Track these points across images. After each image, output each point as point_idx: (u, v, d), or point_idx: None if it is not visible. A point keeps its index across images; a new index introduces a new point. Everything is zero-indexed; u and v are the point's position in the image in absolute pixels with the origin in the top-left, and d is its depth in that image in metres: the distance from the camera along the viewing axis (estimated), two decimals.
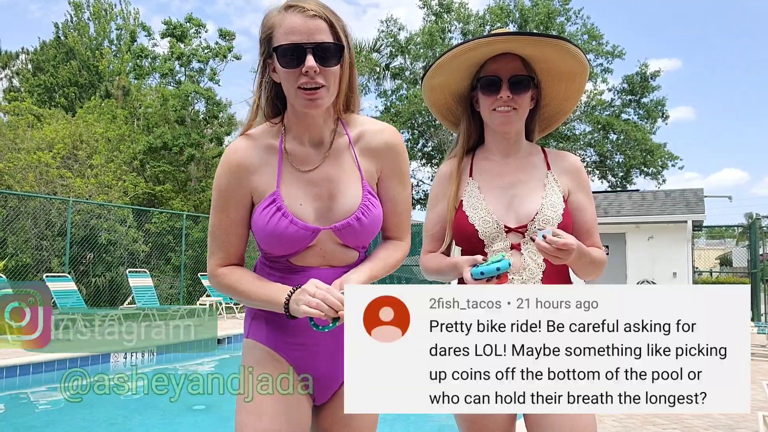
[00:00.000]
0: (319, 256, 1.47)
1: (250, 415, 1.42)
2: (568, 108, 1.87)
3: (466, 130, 1.84)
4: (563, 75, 1.76)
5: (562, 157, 1.82)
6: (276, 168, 1.46)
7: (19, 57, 27.20)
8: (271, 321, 1.50)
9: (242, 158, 1.46)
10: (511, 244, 1.68)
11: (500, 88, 1.69)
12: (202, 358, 8.94)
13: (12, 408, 5.74)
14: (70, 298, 9.97)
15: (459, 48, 1.69)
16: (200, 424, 5.24)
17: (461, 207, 1.74)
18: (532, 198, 1.70)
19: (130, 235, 13.60)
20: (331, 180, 1.47)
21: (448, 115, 1.92)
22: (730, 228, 24.92)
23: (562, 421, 1.55)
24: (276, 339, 1.49)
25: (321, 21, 1.36)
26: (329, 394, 1.53)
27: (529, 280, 1.65)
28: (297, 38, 1.34)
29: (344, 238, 1.47)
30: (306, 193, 1.45)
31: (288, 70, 1.36)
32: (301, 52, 1.34)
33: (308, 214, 1.44)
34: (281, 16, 1.38)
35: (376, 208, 1.49)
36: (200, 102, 19.75)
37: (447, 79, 1.79)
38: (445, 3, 25.91)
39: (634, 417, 4.84)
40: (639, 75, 25.17)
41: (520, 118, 1.73)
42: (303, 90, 1.36)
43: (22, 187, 13.79)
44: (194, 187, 19.23)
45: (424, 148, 26.26)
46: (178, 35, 19.21)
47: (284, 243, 1.44)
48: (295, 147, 1.48)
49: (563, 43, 1.67)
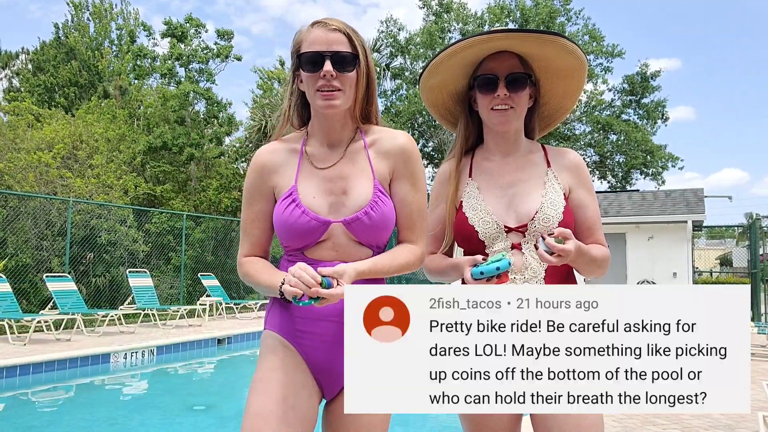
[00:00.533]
0: (332, 250, 1.56)
1: (259, 395, 1.49)
2: (568, 105, 1.86)
3: (465, 130, 1.83)
4: (561, 72, 1.74)
5: (563, 153, 1.80)
6: (296, 167, 1.62)
7: (19, 57, 27.21)
8: (282, 310, 1.60)
9: (266, 159, 1.65)
10: (511, 243, 1.67)
11: (497, 86, 1.68)
12: (202, 358, 8.94)
13: (12, 408, 5.74)
14: (70, 298, 9.97)
15: (455, 46, 1.68)
16: (200, 424, 5.24)
17: (461, 208, 1.73)
18: (532, 197, 1.69)
19: (130, 235, 13.60)
20: (345, 177, 1.59)
21: (447, 115, 1.92)
22: (730, 228, 24.91)
23: (568, 420, 1.55)
24: (287, 328, 1.58)
25: (340, 34, 1.56)
26: (336, 390, 1.57)
27: (531, 279, 1.64)
28: (318, 47, 1.54)
29: (355, 232, 1.55)
30: (320, 188, 1.58)
31: (309, 75, 1.56)
32: (320, 59, 1.53)
33: (321, 207, 1.56)
34: (308, 32, 1.59)
35: (386, 206, 1.57)
36: (200, 102, 19.76)
37: (445, 79, 1.79)
38: (444, 3, 25.91)
39: (634, 417, 4.84)
40: (639, 75, 25.18)
41: (518, 116, 1.72)
42: (321, 92, 1.54)
43: (22, 187, 13.79)
44: (194, 187, 19.23)
45: (424, 148, 26.27)
46: (179, 35, 19.22)
47: (297, 233, 1.55)
48: (315, 148, 1.64)
49: (559, 40, 1.65)
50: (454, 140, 1.87)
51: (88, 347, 7.98)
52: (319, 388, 1.58)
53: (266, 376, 1.51)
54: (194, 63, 19.54)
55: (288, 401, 1.48)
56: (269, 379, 1.51)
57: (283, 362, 1.53)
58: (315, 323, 1.55)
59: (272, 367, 1.53)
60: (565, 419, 1.55)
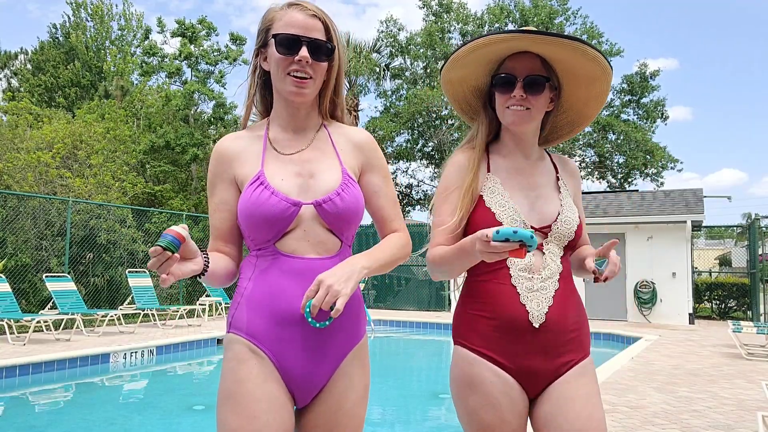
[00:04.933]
0: (303, 239, 1.47)
1: (237, 417, 1.38)
2: (590, 114, 1.82)
3: (488, 126, 1.80)
4: (582, 79, 1.72)
5: (565, 161, 1.86)
6: (260, 154, 1.55)
7: (18, 57, 27.19)
8: (253, 312, 1.46)
9: (227, 146, 1.58)
10: None
11: (514, 87, 1.67)
12: (202, 358, 8.94)
13: (12, 408, 5.74)
14: (69, 298, 9.96)
15: (473, 43, 1.66)
16: (200, 424, 5.24)
17: (482, 203, 1.70)
18: (552, 200, 1.72)
19: (129, 235, 13.60)
20: (312, 162, 1.55)
21: (467, 109, 1.89)
22: (730, 228, 24.91)
23: (585, 413, 1.56)
24: (261, 332, 1.44)
25: (318, 21, 1.52)
26: (310, 398, 1.48)
27: (547, 279, 1.64)
28: (295, 31, 1.49)
29: (326, 215, 1.48)
30: (287, 171, 1.52)
31: (282, 57, 1.49)
32: (297, 43, 1.48)
33: (290, 189, 1.48)
34: (283, 11, 1.53)
35: (356, 189, 1.53)
36: (205, 102, 19.78)
37: (466, 74, 1.77)
38: (444, 3, 25.90)
39: (634, 417, 4.85)
40: (639, 75, 25.18)
41: (533, 118, 1.70)
42: (293, 77, 1.49)
43: (21, 187, 13.78)
44: (195, 186, 19.23)
45: (424, 148, 26.23)
46: (189, 36, 19.26)
47: (267, 218, 1.44)
48: (279, 134, 1.59)
49: (579, 45, 1.61)
50: (471, 132, 1.83)
51: (88, 347, 7.98)
52: (291, 396, 1.47)
53: (236, 391, 1.40)
54: (202, 64, 19.57)
55: (260, 419, 1.37)
56: (241, 394, 1.40)
57: (253, 373, 1.41)
58: (295, 329, 1.43)
59: (241, 379, 1.41)
60: (580, 413, 1.56)
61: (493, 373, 1.60)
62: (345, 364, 1.49)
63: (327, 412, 1.47)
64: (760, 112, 79.89)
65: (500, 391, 1.59)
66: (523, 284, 1.63)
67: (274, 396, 1.41)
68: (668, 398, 5.64)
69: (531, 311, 1.61)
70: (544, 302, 1.62)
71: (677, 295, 14.03)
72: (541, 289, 1.63)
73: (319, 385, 1.47)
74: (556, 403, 1.59)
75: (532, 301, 1.62)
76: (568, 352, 1.63)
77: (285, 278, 1.45)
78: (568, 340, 1.63)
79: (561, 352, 1.63)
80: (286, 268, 1.45)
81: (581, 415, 1.56)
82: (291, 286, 1.44)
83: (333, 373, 1.48)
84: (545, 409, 1.60)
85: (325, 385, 1.48)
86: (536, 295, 1.62)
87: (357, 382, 1.51)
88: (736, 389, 6.16)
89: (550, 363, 1.62)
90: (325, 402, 1.47)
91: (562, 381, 1.61)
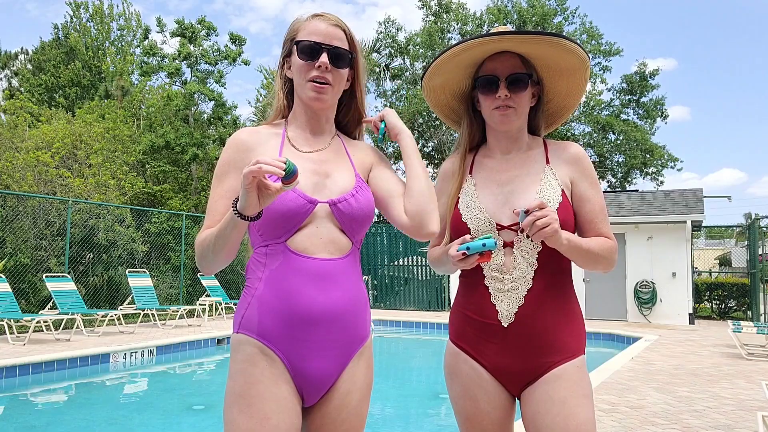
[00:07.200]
0: (315, 237, 1.47)
1: (248, 418, 1.40)
2: (572, 104, 1.85)
3: (470, 129, 1.83)
4: (563, 71, 1.74)
5: (563, 147, 1.77)
6: (278, 148, 1.57)
7: (18, 57, 27.20)
8: (264, 311, 1.45)
9: (246, 137, 1.59)
10: (504, 241, 1.66)
11: (498, 87, 1.68)
12: (202, 358, 8.94)
13: (12, 408, 5.73)
14: (69, 298, 9.96)
15: (453, 49, 1.68)
16: (200, 424, 5.24)
17: (457, 204, 1.74)
18: (527, 194, 1.68)
19: (129, 235, 13.59)
20: (328, 162, 1.58)
21: (451, 114, 1.91)
22: (729, 228, 24.95)
23: (557, 419, 1.55)
24: (269, 331, 1.45)
25: (340, 31, 1.58)
26: (318, 397, 1.50)
27: (519, 279, 1.63)
28: (317, 38, 1.55)
29: (340, 215, 1.49)
30: (304, 168, 1.52)
31: (304, 63, 1.55)
32: (318, 50, 1.54)
33: (305, 186, 1.49)
34: (307, 22, 1.60)
35: (368, 193, 1.56)
36: (205, 102, 19.77)
37: (447, 80, 1.79)
38: (444, 3, 25.90)
39: (634, 417, 4.85)
40: (638, 74, 25.19)
41: (519, 116, 1.72)
42: (313, 83, 1.54)
43: (21, 186, 13.76)
44: (195, 186, 19.23)
45: (424, 148, 26.23)
46: (189, 36, 19.25)
47: (281, 212, 1.43)
48: (297, 133, 1.63)
49: (558, 40, 1.64)
50: (458, 138, 1.87)
51: (88, 347, 7.98)
52: (300, 395, 1.49)
53: (247, 392, 1.42)
54: (202, 64, 19.56)
55: (271, 421, 1.40)
56: (252, 395, 1.41)
57: (264, 375, 1.42)
58: (308, 329, 1.44)
59: (252, 380, 1.42)
60: (555, 418, 1.55)
61: (469, 367, 1.68)
62: (352, 363, 1.52)
63: (333, 410, 1.49)
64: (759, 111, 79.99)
65: (476, 384, 1.67)
66: (494, 285, 1.65)
67: (285, 397, 1.43)
68: (668, 398, 5.64)
69: (501, 311, 1.64)
70: (514, 302, 1.63)
71: (677, 295, 14.03)
72: (512, 289, 1.63)
73: (328, 384, 1.49)
74: (535, 407, 1.60)
75: (502, 302, 1.64)
76: (547, 353, 1.61)
77: (297, 279, 1.45)
78: (543, 341, 1.62)
79: (537, 353, 1.62)
80: (297, 268, 1.45)
81: (556, 420, 1.55)
82: (303, 287, 1.44)
83: (341, 372, 1.50)
84: (529, 410, 1.62)
85: (332, 384, 1.50)
86: (506, 296, 1.63)
87: (362, 381, 1.53)
88: (736, 389, 6.16)
89: (525, 363, 1.62)
90: (331, 401, 1.49)
91: (541, 382, 1.61)
